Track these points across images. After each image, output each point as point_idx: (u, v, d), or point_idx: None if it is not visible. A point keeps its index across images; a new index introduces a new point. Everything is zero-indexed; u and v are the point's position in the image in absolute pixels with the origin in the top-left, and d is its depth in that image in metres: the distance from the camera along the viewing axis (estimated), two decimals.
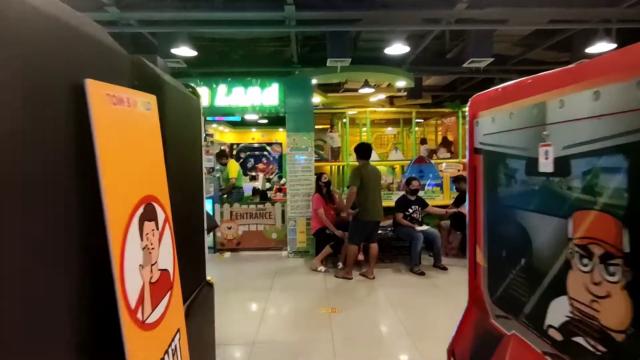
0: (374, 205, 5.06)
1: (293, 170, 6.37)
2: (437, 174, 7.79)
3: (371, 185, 5.05)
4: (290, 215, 6.38)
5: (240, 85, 6.26)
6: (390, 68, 8.58)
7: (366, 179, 5.03)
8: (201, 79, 6.32)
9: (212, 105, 6.26)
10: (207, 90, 6.26)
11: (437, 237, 5.64)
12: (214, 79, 6.39)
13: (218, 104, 6.26)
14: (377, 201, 5.12)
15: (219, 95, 6.25)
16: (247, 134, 15.22)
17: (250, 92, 6.26)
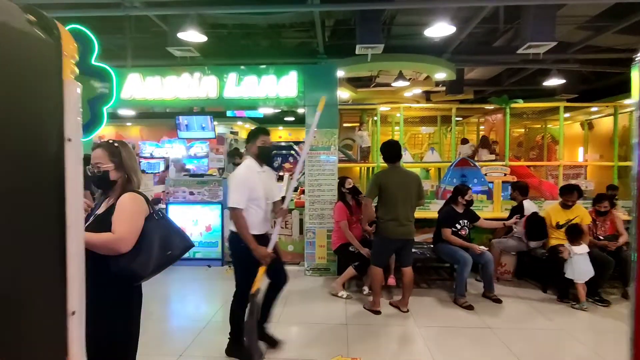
0: (399, 221, 3.81)
1: (312, 174, 5.25)
2: (484, 179, 6.44)
3: (398, 195, 3.81)
4: (308, 226, 5.27)
5: (253, 74, 5.21)
6: (429, 57, 7.29)
7: (389, 188, 3.82)
8: (210, 68, 5.31)
9: (220, 97, 5.24)
10: (215, 80, 5.24)
11: (489, 260, 4.36)
12: (225, 67, 5.36)
13: (227, 95, 5.23)
14: (405, 215, 3.84)
15: (229, 85, 5.23)
16: (274, 132, 14.28)
17: (264, 82, 5.19)
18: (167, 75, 5.27)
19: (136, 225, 1.97)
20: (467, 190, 4.56)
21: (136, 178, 2.11)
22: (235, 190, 2.96)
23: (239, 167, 3.14)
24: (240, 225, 2.93)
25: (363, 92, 10.02)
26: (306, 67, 5.26)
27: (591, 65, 8.21)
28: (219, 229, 5.63)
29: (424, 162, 9.75)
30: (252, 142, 3.11)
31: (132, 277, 1.96)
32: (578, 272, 4.16)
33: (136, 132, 12.29)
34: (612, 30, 6.55)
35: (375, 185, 3.91)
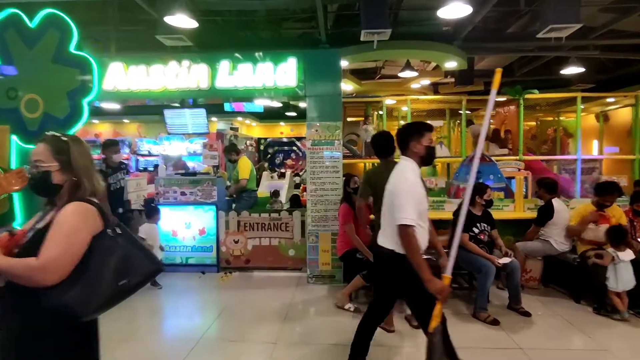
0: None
1: (315, 171, 4.67)
2: (501, 175, 5.84)
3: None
4: (310, 229, 4.70)
5: (248, 62, 4.62)
6: (439, 45, 6.66)
7: (381, 187, 3.22)
8: (200, 55, 4.74)
9: (212, 87, 4.66)
10: (207, 69, 4.66)
11: (515, 268, 3.77)
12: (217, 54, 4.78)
13: (219, 84, 4.65)
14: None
15: (221, 74, 4.64)
16: (276, 127, 13.70)
17: (260, 70, 4.61)
18: (153, 64, 4.69)
19: (73, 248, 1.41)
20: (485, 188, 3.98)
21: (89, 183, 1.55)
22: (406, 202, 2.32)
23: (400, 172, 2.49)
24: (413, 249, 2.29)
25: (368, 85, 9.40)
26: (307, 54, 4.66)
27: (612, 53, 7.55)
28: (213, 232, 5.07)
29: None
30: (415, 139, 2.45)
31: (69, 316, 1.41)
32: (621, 281, 3.58)
33: (133, 129, 11.74)
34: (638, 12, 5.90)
35: (366, 185, 3.35)
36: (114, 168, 4.76)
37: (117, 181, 4.72)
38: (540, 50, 7.51)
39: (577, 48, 7.41)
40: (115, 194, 4.69)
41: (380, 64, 8.88)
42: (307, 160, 4.69)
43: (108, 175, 4.54)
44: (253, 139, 12.95)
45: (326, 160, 4.65)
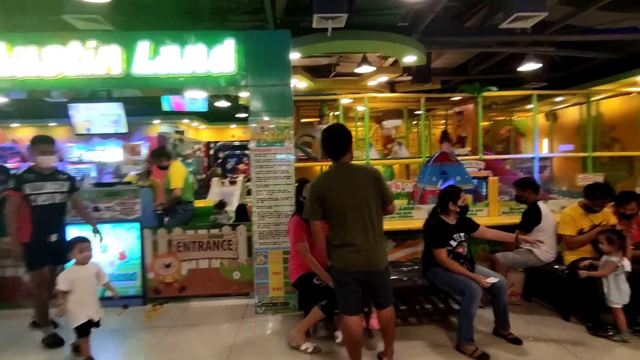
0: (354, 245, 2.44)
1: (261, 177, 3.75)
2: (468, 176, 5.24)
3: (346, 206, 2.45)
4: (258, 248, 3.77)
5: (174, 43, 3.62)
6: (397, 36, 5.99)
7: (331, 198, 2.47)
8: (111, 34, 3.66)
9: (127, 75, 3.60)
10: (120, 52, 3.60)
11: (503, 288, 3.07)
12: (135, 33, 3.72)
13: (137, 71, 3.60)
14: (362, 234, 2.45)
15: (139, 58, 3.60)
16: (226, 130, 12.54)
17: (189, 54, 3.62)
18: (47, 44, 3.54)
19: None
20: (459, 193, 3.26)
21: None
22: None
23: None
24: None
25: (322, 82, 8.61)
26: (248, 35, 3.74)
27: (566, 50, 7.30)
28: (137, 255, 3.99)
29: (391, 158, 8.52)
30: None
31: None
32: (623, 295, 3.01)
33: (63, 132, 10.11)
34: (598, 5, 5.57)
35: (313, 198, 2.51)
36: (43, 175, 3.26)
37: (50, 195, 3.24)
38: (498, 46, 7.10)
39: (534, 44, 7.07)
40: (44, 213, 3.21)
41: (334, 60, 8.12)
42: (252, 164, 3.76)
43: (24, 183, 3.15)
44: (202, 142, 11.72)
45: (275, 164, 3.74)
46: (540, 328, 3.30)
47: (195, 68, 3.62)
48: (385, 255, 2.57)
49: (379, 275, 2.52)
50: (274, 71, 3.76)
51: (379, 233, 2.52)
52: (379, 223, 2.54)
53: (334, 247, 2.56)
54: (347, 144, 2.56)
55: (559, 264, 3.50)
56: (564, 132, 9.93)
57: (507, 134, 10.36)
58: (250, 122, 3.74)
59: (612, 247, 3.04)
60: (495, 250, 3.92)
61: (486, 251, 4.06)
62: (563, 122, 10.02)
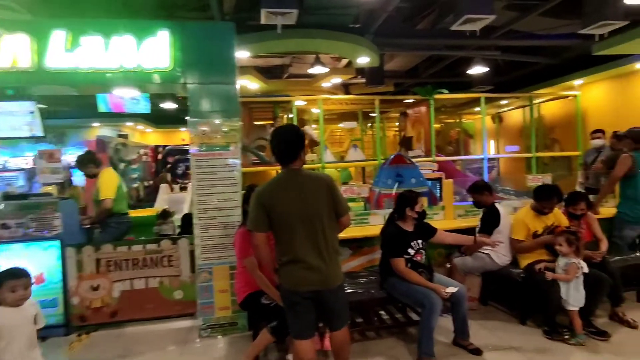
0: (304, 261, 2.14)
1: (203, 185, 3.33)
2: (423, 179, 5.14)
3: (295, 218, 2.14)
4: (201, 264, 3.34)
5: (97, 33, 3.11)
6: (350, 36, 5.79)
7: (278, 208, 2.16)
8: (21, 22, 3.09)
9: (39, 69, 3.05)
10: (29, 41, 3.04)
11: (462, 297, 2.91)
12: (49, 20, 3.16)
13: (51, 64, 3.06)
14: (314, 249, 2.15)
15: (54, 49, 3.06)
16: (175, 133, 11.76)
17: (116, 45, 3.13)
18: None
19: None
20: (415, 198, 3.06)
21: None
22: None
23: None
24: None
25: (275, 84, 8.26)
26: (186, 26, 3.31)
27: (510, 54, 7.51)
28: (57, 278, 3.40)
29: (347, 161, 8.34)
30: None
31: None
32: (581, 298, 2.96)
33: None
34: (538, 11, 5.72)
35: (259, 208, 2.18)
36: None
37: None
38: (448, 49, 7.15)
39: (481, 48, 7.20)
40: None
41: (288, 61, 7.81)
42: (193, 171, 3.33)
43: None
44: (148, 147, 10.89)
45: (220, 171, 3.34)
46: (499, 334, 3.19)
47: (124, 62, 3.14)
48: (340, 271, 2.29)
49: (333, 293, 2.23)
50: (217, 68, 3.37)
51: (332, 247, 2.23)
52: (333, 236, 2.25)
53: (282, 264, 2.24)
54: (299, 148, 2.24)
55: (515, 267, 3.42)
56: (509, 134, 10.32)
57: (456, 135, 10.59)
58: (190, 124, 3.31)
59: (571, 249, 2.98)
60: (451, 254, 3.79)
61: (442, 256, 3.92)
62: (508, 124, 10.41)
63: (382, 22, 6.04)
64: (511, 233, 3.40)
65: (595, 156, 5.37)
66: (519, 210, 3.69)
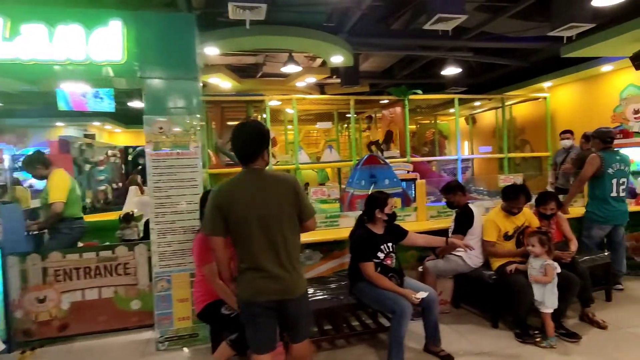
0: (264, 270, 1.96)
1: (160, 186, 3.09)
2: (397, 179, 5.04)
3: (254, 222, 1.95)
4: (158, 272, 3.10)
5: (41, 21, 2.83)
6: (324, 34, 5.64)
7: (237, 211, 1.96)
8: None
9: None
10: None
11: (433, 301, 2.78)
12: None
13: None
14: (273, 256, 1.97)
15: None
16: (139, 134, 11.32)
17: (62, 35, 2.86)
18: None
19: None
20: (385, 199, 2.91)
21: None
22: None
23: None
24: None
25: (248, 83, 8.03)
26: (140, 16, 3.07)
27: (482, 56, 7.55)
28: None
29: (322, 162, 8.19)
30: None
31: None
32: (553, 299, 2.89)
33: None
34: (508, 13, 5.74)
35: (214, 210, 1.98)
36: None
37: None
38: (422, 50, 7.11)
39: (454, 49, 7.20)
40: None
41: (261, 59, 7.60)
42: (149, 172, 3.08)
43: None
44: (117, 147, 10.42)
45: (179, 172, 3.11)
46: (471, 338, 3.09)
47: (71, 54, 2.87)
48: (303, 279, 2.11)
49: (295, 303, 2.04)
50: (176, 62, 3.13)
51: (295, 254, 2.05)
52: (296, 242, 2.07)
53: (240, 272, 2.05)
54: (262, 146, 2.04)
55: (487, 269, 3.33)
56: (483, 135, 10.44)
57: (431, 136, 10.63)
58: (145, 122, 3.07)
59: (543, 249, 2.91)
60: (424, 256, 3.68)
61: (415, 258, 3.81)
62: (482, 125, 10.53)
63: (357, 22, 5.94)
64: (482, 234, 3.31)
65: (564, 156, 5.41)
66: (490, 210, 3.61)
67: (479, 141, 10.40)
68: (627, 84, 6.84)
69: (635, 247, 4.45)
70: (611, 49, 5.79)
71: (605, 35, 5.46)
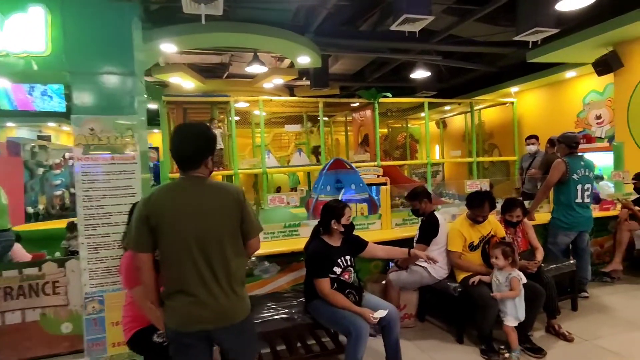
0: (194, 295, 1.66)
1: (91, 196, 2.72)
2: (363, 184, 4.81)
3: (188, 239, 1.65)
4: (89, 292, 2.72)
5: None
6: (288, 33, 5.36)
7: (166, 225, 1.66)
8: None
9: None
10: None
11: (394, 320, 2.53)
12: None
13: None
14: (208, 279, 1.66)
15: None
16: None
17: None
18: None
19: None
20: (342, 209, 2.63)
21: None
22: None
23: None
24: None
25: (214, 83, 7.65)
26: (68, 2, 2.69)
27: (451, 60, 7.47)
28: None
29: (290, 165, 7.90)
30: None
31: None
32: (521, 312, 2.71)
33: None
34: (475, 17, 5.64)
35: (142, 221, 1.67)
36: None
37: None
38: (391, 52, 6.94)
39: (423, 52, 7.08)
40: None
41: (226, 59, 7.24)
42: (76, 178, 2.70)
43: None
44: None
45: (113, 179, 2.75)
46: (434, 356, 2.86)
47: None
48: (244, 304, 1.80)
49: (234, 332, 1.74)
50: (110, 55, 2.78)
51: (237, 275, 1.75)
52: (237, 262, 1.76)
53: (166, 296, 1.73)
54: (206, 151, 1.75)
55: (452, 281, 3.13)
56: (453, 139, 10.44)
57: (403, 140, 10.54)
58: (73, 121, 2.69)
59: (507, 261, 2.72)
60: (386, 268, 3.45)
61: (379, 269, 3.58)
62: (452, 129, 10.53)
63: (324, 22, 5.70)
64: (447, 244, 3.11)
65: (530, 161, 5.35)
66: (456, 218, 3.42)
67: (449, 145, 10.38)
68: (590, 90, 6.92)
69: (599, 252, 4.39)
70: (575, 54, 5.80)
71: (569, 41, 5.45)
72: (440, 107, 8.79)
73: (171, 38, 4.86)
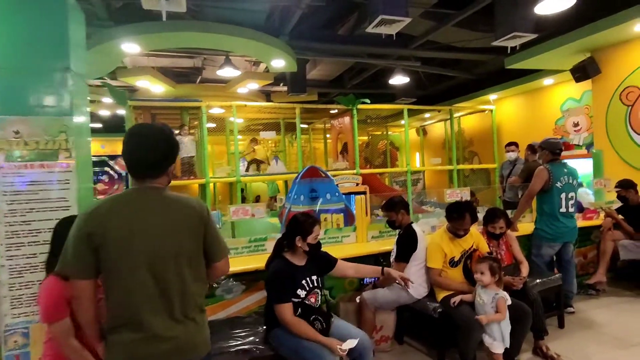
0: (145, 329, 1.32)
1: (15, 210, 2.30)
2: (339, 194, 4.50)
3: (142, 256, 1.32)
4: (10, 323, 2.29)
5: None
6: (260, 34, 5.06)
7: (114, 245, 1.31)
8: None
9: None
10: None
11: (366, 350, 2.20)
12: None
13: None
14: (166, 305, 1.35)
15: None
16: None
17: None
18: None
19: None
20: (311, 224, 2.29)
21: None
22: None
23: None
24: None
25: (185, 88, 7.26)
26: None
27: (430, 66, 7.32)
28: None
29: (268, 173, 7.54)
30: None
31: None
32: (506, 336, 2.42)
33: None
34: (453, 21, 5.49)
35: (81, 240, 1.32)
36: None
37: None
38: (369, 57, 6.73)
39: (402, 57, 6.90)
40: None
41: (199, 63, 6.88)
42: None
43: None
44: None
45: (42, 190, 2.34)
46: None
47: None
48: (205, 335, 1.48)
49: None
50: (41, 48, 2.39)
51: (196, 302, 1.44)
52: (198, 287, 1.46)
53: (111, 330, 1.38)
54: (168, 157, 1.44)
55: (432, 300, 2.83)
56: (433, 147, 10.29)
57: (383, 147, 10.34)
58: None
59: (493, 279, 2.44)
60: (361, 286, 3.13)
61: (353, 287, 3.25)
62: (432, 137, 10.39)
63: (299, 25, 5.44)
64: (426, 260, 2.81)
65: (510, 169, 5.17)
66: (436, 230, 3.14)
67: (430, 153, 10.23)
68: (567, 98, 6.86)
69: (582, 263, 4.19)
70: (553, 61, 5.70)
71: (547, 47, 5.34)
72: (420, 115, 8.63)
73: (133, 37, 4.48)
